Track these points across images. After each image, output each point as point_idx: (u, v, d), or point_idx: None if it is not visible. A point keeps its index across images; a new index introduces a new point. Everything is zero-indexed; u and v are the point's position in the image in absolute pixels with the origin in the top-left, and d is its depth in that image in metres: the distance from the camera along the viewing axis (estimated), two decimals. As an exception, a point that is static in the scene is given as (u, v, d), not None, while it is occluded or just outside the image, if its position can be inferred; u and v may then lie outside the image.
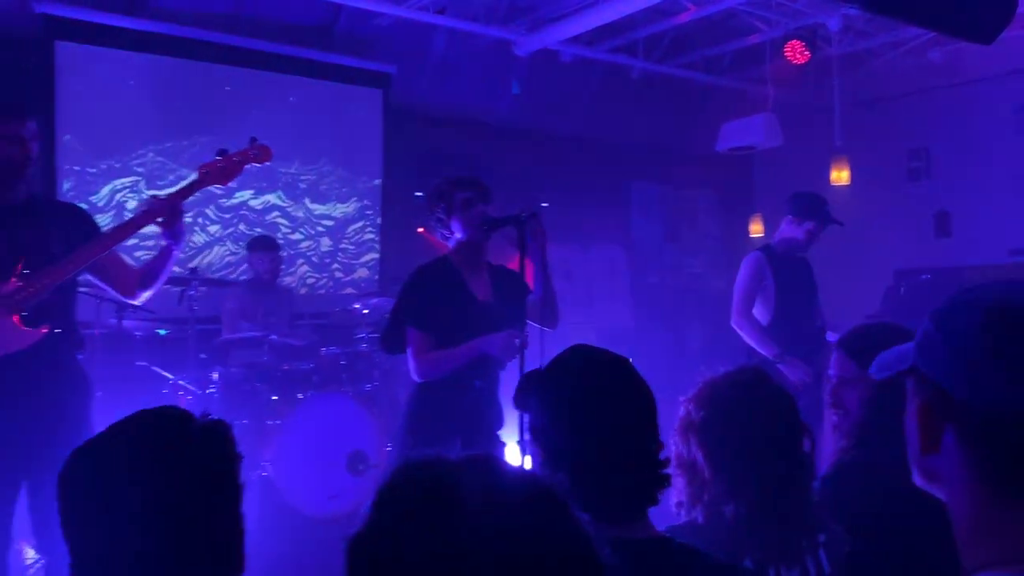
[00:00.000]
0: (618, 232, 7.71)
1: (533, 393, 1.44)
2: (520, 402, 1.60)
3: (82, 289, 3.11)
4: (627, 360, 1.45)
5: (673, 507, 1.57)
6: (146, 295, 2.96)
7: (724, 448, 1.52)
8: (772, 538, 1.46)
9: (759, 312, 4.11)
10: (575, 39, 6.28)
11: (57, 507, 1.10)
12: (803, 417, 1.62)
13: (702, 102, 7.28)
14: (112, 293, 2.99)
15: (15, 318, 2.59)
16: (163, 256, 2.88)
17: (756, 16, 6.14)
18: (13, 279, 2.60)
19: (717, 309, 4.23)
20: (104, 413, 2.12)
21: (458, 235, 2.97)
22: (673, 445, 1.58)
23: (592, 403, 1.35)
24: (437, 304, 2.89)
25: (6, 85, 4.88)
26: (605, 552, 0.79)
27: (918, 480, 0.87)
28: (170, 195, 2.79)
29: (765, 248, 4.20)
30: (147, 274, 2.92)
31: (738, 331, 4.05)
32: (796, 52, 5.88)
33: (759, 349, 3.95)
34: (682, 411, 1.61)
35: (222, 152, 2.89)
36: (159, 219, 2.73)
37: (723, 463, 1.51)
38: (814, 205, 4.09)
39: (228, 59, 5.69)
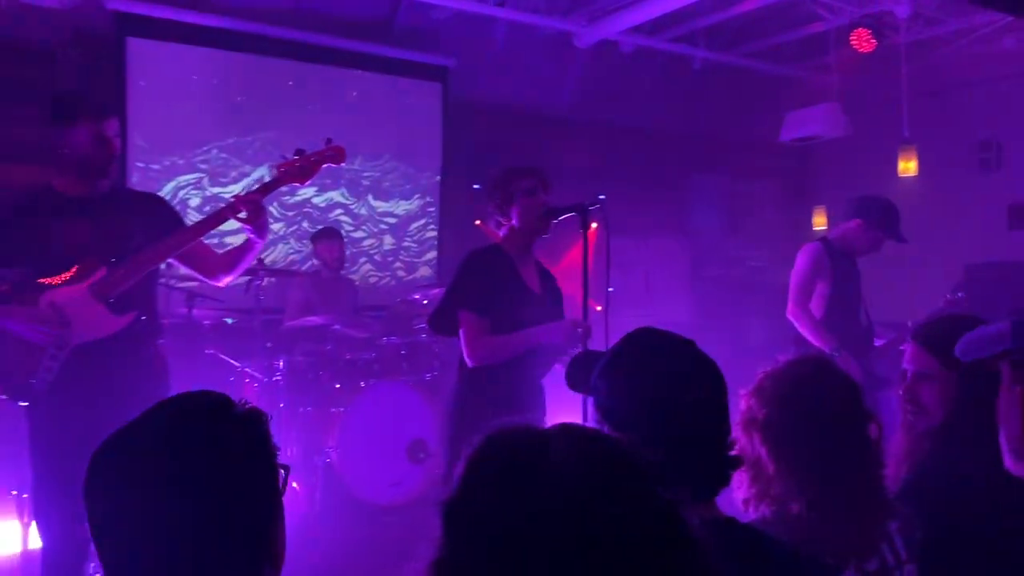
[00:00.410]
0: (677, 224, 7.64)
1: (601, 376, 1.43)
2: (580, 384, 1.60)
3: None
4: (693, 342, 1.45)
5: (740, 503, 1.54)
6: (228, 280, 3.05)
7: (789, 443, 1.49)
8: (844, 532, 1.44)
9: (813, 306, 4.03)
10: (636, 29, 6.24)
11: (84, 498, 1.04)
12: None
13: (765, 92, 7.16)
14: (199, 277, 3.08)
15: (102, 305, 2.69)
16: (246, 247, 2.96)
17: (821, 4, 6.00)
18: (101, 268, 2.70)
19: (778, 302, 4.16)
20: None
21: (515, 224, 2.96)
22: (736, 440, 1.55)
23: (667, 385, 1.33)
24: (492, 290, 2.87)
25: (82, 83, 5.06)
26: (695, 526, 0.80)
27: (1012, 465, 0.86)
28: (252, 192, 2.86)
29: (824, 241, 4.13)
30: (230, 261, 3.01)
31: (793, 322, 4.00)
32: (862, 40, 5.74)
33: (814, 341, 3.87)
34: (743, 406, 1.58)
35: (299, 152, 2.94)
36: (241, 214, 2.80)
37: (788, 458, 1.47)
38: (887, 216, 3.99)
39: (290, 54, 5.76)
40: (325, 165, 2.94)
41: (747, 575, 1.17)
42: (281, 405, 4.58)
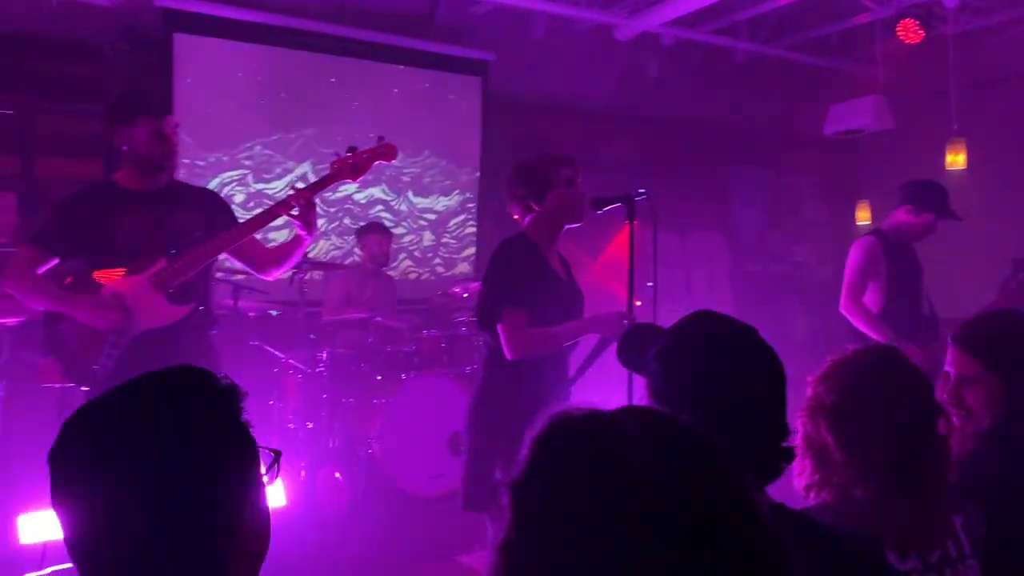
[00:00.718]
0: (718, 219, 7.58)
1: (657, 357, 1.41)
2: (632, 362, 1.58)
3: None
4: (755, 329, 1.43)
5: (800, 490, 1.53)
6: (277, 274, 3.11)
7: (856, 431, 1.47)
8: (908, 521, 1.42)
9: (869, 299, 3.97)
10: (676, 21, 6.18)
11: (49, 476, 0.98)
12: None
13: (808, 85, 7.07)
14: (249, 271, 3.15)
15: (162, 296, 2.77)
16: (295, 243, 3.01)
17: (867, -6, 5.92)
18: (161, 259, 2.79)
19: (821, 298, 4.11)
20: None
21: (550, 212, 2.88)
22: (800, 426, 1.54)
23: (726, 371, 1.32)
24: (528, 281, 2.82)
25: (130, 80, 5.15)
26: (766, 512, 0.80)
27: None
28: (306, 188, 2.91)
29: (877, 233, 4.06)
30: (280, 256, 3.06)
31: (848, 316, 3.94)
32: (909, 31, 5.64)
33: (871, 334, 3.81)
34: (810, 392, 1.55)
35: (352, 149, 2.98)
36: (294, 210, 2.85)
37: (855, 446, 1.46)
38: (936, 196, 3.92)
39: (332, 49, 5.81)
40: (377, 162, 2.98)
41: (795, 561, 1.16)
42: (324, 396, 4.63)
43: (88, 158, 5.15)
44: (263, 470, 1.08)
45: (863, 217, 6.80)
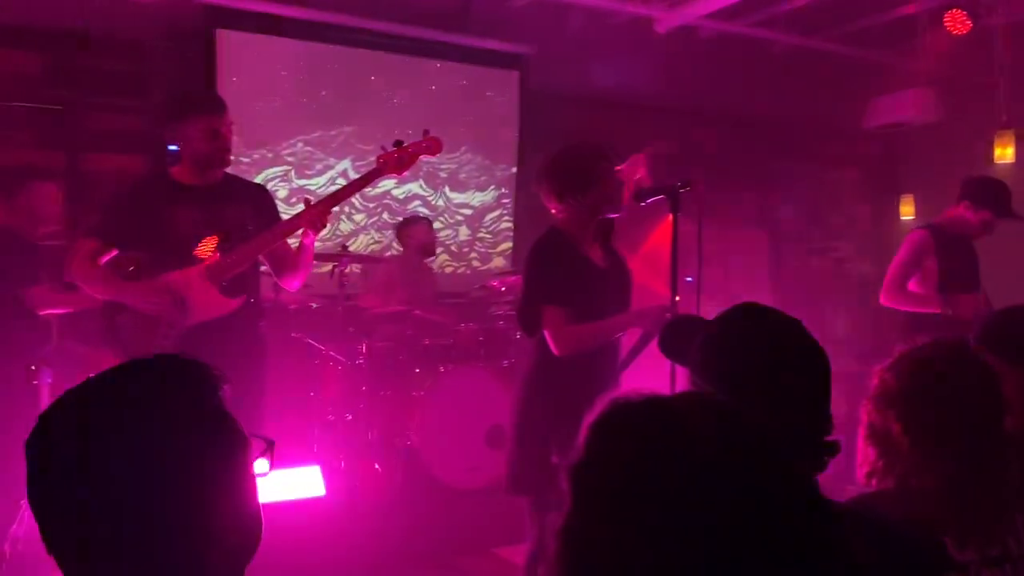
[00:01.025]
0: (757, 213, 7.50)
1: (702, 348, 1.40)
2: (675, 352, 1.58)
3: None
4: (800, 322, 1.42)
5: (861, 478, 1.53)
6: (296, 284, 3.17)
7: (928, 422, 1.46)
8: (970, 513, 1.41)
9: (918, 290, 3.95)
10: (715, 14, 6.12)
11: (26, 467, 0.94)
12: None
13: (849, 77, 6.94)
14: (274, 276, 3.20)
15: (215, 288, 2.84)
16: (303, 247, 3.05)
17: (913, -15, 5.81)
18: (216, 253, 2.86)
19: (864, 294, 4.07)
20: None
21: (590, 204, 2.86)
22: (864, 415, 1.53)
23: (769, 362, 1.31)
24: (565, 277, 2.81)
25: (174, 77, 5.22)
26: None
27: None
28: (347, 187, 2.96)
29: (932, 227, 4.01)
30: (297, 264, 3.10)
31: (891, 306, 3.92)
32: (957, 22, 5.52)
33: (921, 309, 3.82)
34: (876, 381, 1.54)
35: (398, 143, 3.03)
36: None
37: (924, 436, 1.45)
38: (995, 194, 3.88)
39: (371, 44, 5.84)
40: (423, 156, 3.01)
41: None
42: (363, 388, 4.67)
43: (132, 153, 5.25)
44: (254, 460, 1.02)
45: (907, 212, 6.69)
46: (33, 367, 3.72)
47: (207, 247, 2.86)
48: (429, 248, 5.37)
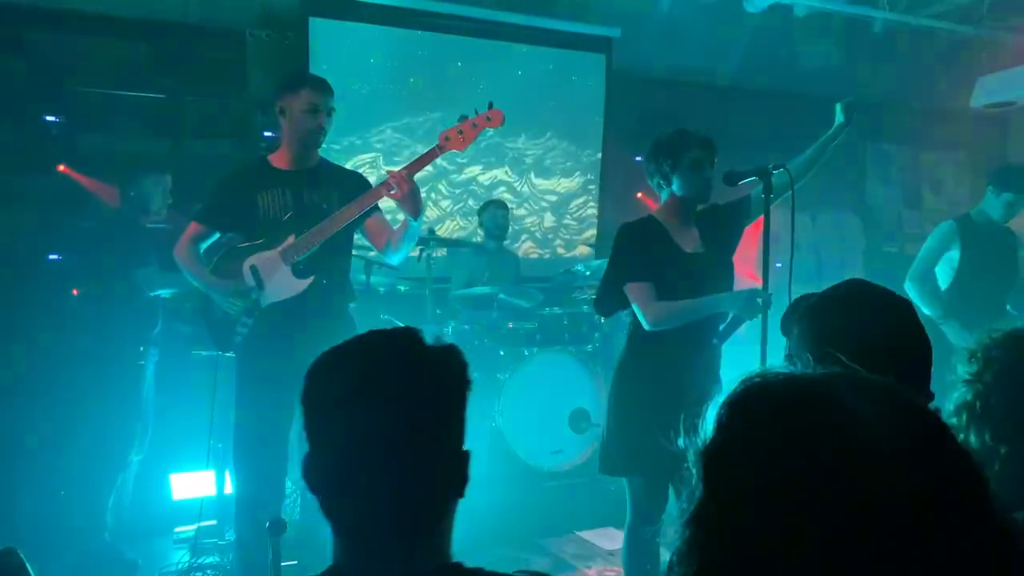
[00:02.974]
0: (852, 197, 7.26)
1: (800, 319, 1.39)
2: (787, 328, 1.57)
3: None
4: (909, 302, 1.37)
5: None
6: (396, 259, 3.22)
7: (1004, 406, 1.39)
8: None
9: (943, 280, 4.12)
10: (811, -9, 5.93)
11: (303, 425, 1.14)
12: None
13: (953, 55, 6.64)
14: (375, 250, 3.30)
15: (288, 269, 2.99)
16: (403, 227, 3.12)
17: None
18: (291, 235, 2.98)
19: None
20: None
21: (675, 191, 2.91)
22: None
23: (869, 331, 1.29)
24: (649, 257, 2.86)
25: (269, 64, 5.36)
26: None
27: None
28: (401, 169, 3.01)
29: (961, 217, 4.13)
30: (396, 239, 3.16)
31: (908, 292, 4.01)
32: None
33: (924, 308, 3.95)
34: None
35: (462, 117, 3.08)
36: (393, 191, 2.95)
37: (1003, 420, 1.39)
38: (1010, 177, 3.97)
39: (457, 30, 5.85)
40: (484, 129, 3.04)
41: None
42: (449, 370, 4.73)
43: (229, 139, 5.43)
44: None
45: (1013, 196, 6.35)
46: (142, 348, 3.93)
47: (286, 229, 2.99)
48: (496, 231, 5.39)
